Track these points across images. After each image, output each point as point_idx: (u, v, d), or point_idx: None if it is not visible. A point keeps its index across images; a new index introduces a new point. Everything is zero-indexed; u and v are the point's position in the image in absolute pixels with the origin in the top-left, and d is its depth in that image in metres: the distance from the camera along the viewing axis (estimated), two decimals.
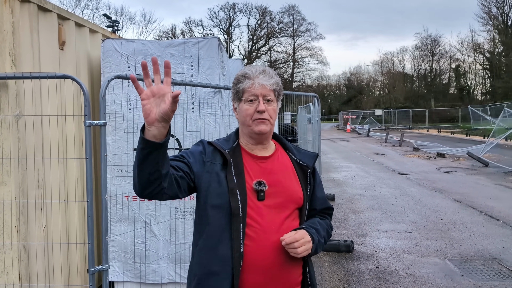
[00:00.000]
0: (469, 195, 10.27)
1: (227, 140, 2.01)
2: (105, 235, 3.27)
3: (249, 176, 1.90)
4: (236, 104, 1.98)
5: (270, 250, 1.82)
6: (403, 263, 5.87)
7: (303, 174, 2.01)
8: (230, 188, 1.84)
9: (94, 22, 45.61)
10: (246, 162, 1.94)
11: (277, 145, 2.07)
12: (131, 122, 4.36)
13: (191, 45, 4.36)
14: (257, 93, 1.89)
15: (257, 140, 1.97)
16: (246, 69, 1.96)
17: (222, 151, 1.91)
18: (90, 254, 3.17)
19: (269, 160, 1.98)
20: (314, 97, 7.42)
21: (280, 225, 1.86)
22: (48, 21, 3.79)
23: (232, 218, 1.81)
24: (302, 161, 2.04)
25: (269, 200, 1.88)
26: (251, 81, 1.90)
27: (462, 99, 59.74)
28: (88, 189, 3.18)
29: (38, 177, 3.56)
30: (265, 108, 1.89)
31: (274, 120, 1.95)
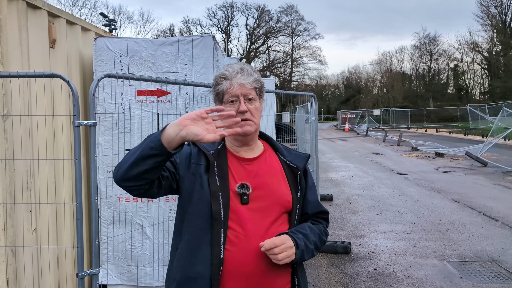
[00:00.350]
0: (468, 195, 10.20)
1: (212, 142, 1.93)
2: (95, 238, 3.18)
3: (233, 178, 1.82)
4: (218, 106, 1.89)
5: (252, 256, 1.73)
6: (401, 265, 5.79)
7: (293, 176, 1.92)
8: (212, 191, 1.76)
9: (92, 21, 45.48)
10: (231, 164, 1.86)
11: (265, 146, 1.99)
12: (123, 122, 4.28)
13: (185, 44, 4.28)
14: (237, 93, 1.81)
15: (242, 142, 1.89)
16: (223, 69, 1.88)
17: (206, 153, 1.83)
18: (79, 258, 3.08)
19: (255, 162, 1.89)
20: (311, 97, 7.33)
21: (266, 230, 1.78)
22: (37, 19, 3.69)
23: (213, 222, 1.74)
24: (292, 162, 1.94)
25: (254, 204, 1.80)
26: (229, 82, 1.82)
27: (461, 99, 59.74)
28: (77, 191, 3.09)
29: (27, 178, 3.47)
30: (246, 108, 1.81)
31: (258, 119, 1.88)
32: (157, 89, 4.29)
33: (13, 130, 3.30)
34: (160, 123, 4.30)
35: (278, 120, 15.67)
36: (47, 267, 3.60)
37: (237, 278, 1.73)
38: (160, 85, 4.23)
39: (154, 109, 4.30)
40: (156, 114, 4.30)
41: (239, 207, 1.78)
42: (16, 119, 3.31)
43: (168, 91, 4.30)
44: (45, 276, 3.61)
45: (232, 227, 1.75)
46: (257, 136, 1.94)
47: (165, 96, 4.32)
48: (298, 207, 1.90)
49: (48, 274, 3.62)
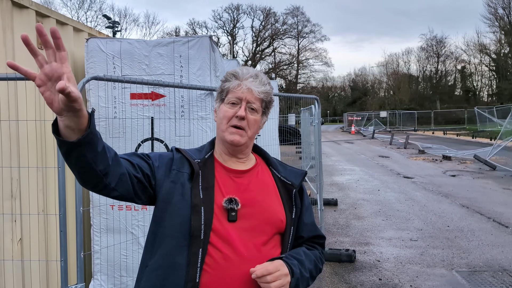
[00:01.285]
0: (477, 200, 9.94)
1: (199, 151, 1.73)
2: (80, 251, 2.99)
3: (220, 192, 1.61)
4: (217, 104, 1.72)
5: (236, 282, 1.51)
6: (407, 275, 5.56)
7: (287, 194, 1.71)
8: (193, 204, 1.55)
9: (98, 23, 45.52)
10: (218, 175, 1.66)
11: (258, 159, 1.79)
12: (116, 127, 4.10)
13: (181, 45, 4.09)
14: (241, 96, 1.64)
15: (230, 150, 1.69)
16: (238, 68, 1.72)
17: (191, 161, 1.63)
18: (62, 272, 2.89)
19: (246, 175, 1.69)
20: (315, 100, 7.12)
21: (255, 252, 1.56)
22: (24, 19, 3.53)
23: (191, 240, 1.51)
24: (287, 179, 1.74)
25: (242, 222, 1.58)
26: (238, 82, 1.66)
27: (468, 101, 59.25)
28: (61, 201, 2.91)
29: (11, 186, 3.29)
30: (245, 115, 1.63)
31: (253, 132, 1.68)
32: (151, 92, 4.11)
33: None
34: (155, 127, 4.12)
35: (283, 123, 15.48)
36: (32, 282, 3.41)
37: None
38: (155, 88, 4.05)
39: (148, 113, 4.12)
40: (150, 118, 4.12)
41: (225, 225, 1.56)
42: (2, 124, 3.13)
43: (162, 94, 4.12)
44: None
45: (214, 246, 1.53)
46: (249, 150, 1.75)
47: (159, 99, 4.14)
48: (293, 229, 1.69)
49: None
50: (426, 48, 67.82)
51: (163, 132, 4.10)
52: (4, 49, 3.29)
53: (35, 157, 3.55)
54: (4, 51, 3.28)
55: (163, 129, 4.09)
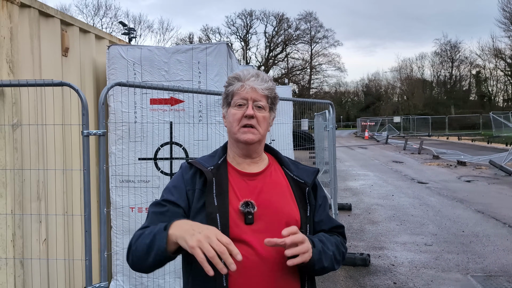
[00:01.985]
0: (492, 206, 9.87)
1: (212, 156, 1.80)
2: (104, 250, 3.10)
3: (235, 196, 1.67)
4: (225, 109, 1.78)
5: (260, 280, 1.58)
6: (422, 279, 5.58)
7: (301, 193, 1.76)
8: (208, 213, 1.61)
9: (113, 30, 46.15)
10: (232, 180, 1.71)
11: (270, 160, 1.84)
12: (136, 131, 4.21)
13: (199, 51, 4.20)
14: (247, 96, 1.69)
15: (245, 152, 1.75)
16: (239, 71, 1.77)
17: (203, 170, 1.69)
18: (87, 271, 3.00)
19: (259, 177, 1.74)
20: (329, 104, 7.19)
21: (273, 253, 1.60)
22: (50, 27, 3.66)
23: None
24: (299, 177, 1.78)
25: (259, 224, 1.63)
26: (241, 83, 1.70)
27: (483, 106, 58.58)
28: (86, 202, 3.02)
29: (38, 188, 3.42)
30: (253, 113, 1.68)
31: (264, 130, 1.73)
32: (170, 97, 4.22)
33: (23, 139, 3.25)
34: (174, 131, 4.23)
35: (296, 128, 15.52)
36: (56, 280, 3.53)
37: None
38: (174, 93, 4.16)
39: (167, 118, 4.23)
40: (170, 123, 4.23)
41: (242, 228, 1.62)
42: (26, 129, 3.26)
43: (181, 99, 4.23)
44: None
45: None
46: (261, 148, 1.80)
47: (178, 105, 4.25)
48: (308, 226, 1.73)
49: (57, 287, 3.55)
50: (440, 53, 67.41)
51: (182, 136, 4.20)
52: (32, 57, 3.42)
53: (59, 160, 3.68)
54: (31, 59, 3.41)
55: (182, 133, 4.20)
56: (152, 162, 4.22)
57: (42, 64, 3.55)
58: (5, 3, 3.10)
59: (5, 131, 3.10)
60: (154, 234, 1.51)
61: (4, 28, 3.10)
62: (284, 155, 1.89)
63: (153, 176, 4.19)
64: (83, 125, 2.99)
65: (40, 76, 3.50)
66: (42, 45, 3.55)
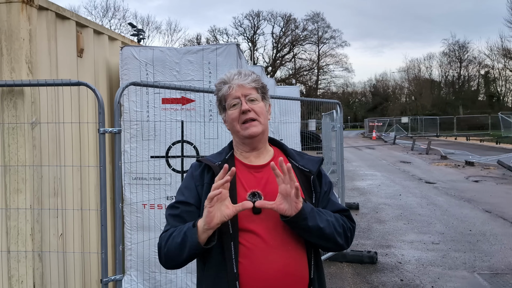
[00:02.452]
0: (500, 206, 9.89)
1: (220, 153, 1.91)
2: (119, 244, 3.21)
3: (242, 188, 1.78)
4: (223, 114, 1.88)
5: (268, 266, 1.68)
6: (429, 276, 5.64)
7: (306, 181, 1.85)
8: None
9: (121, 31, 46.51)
10: (239, 172, 1.81)
11: (276, 151, 1.94)
12: (148, 130, 4.32)
13: (209, 52, 4.31)
14: (237, 94, 1.80)
15: (251, 146, 1.85)
16: (222, 75, 1.88)
17: (211, 165, 1.80)
18: (103, 264, 3.11)
19: (265, 168, 1.84)
20: (337, 104, 7.27)
21: (279, 239, 1.72)
22: (66, 29, 3.78)
23: (223, 236, 1.70)
24: (304, 167, 1.87)
25: (266, 213, 1.73)
26: (228, 85, 1.82)
27: (492, 106, 58.21)
28: (102, 198, 3.13)
29: (54, 184, 3.54)
30: (249, 107, 1.79)
31: (264, 119, 1.83)
32: (181, 97, 4.33)
33: (41, 137, 3.37)
34: (185, 130, 4.33)
35: (304, 128, 15.56)
36: (72, 272, 3.65)
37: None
38: (185, 93, 4.27)
39: (178, 117, 4.34)
40: (181, 122, 4.34)
41: (250, 217, 1.72)
42: (44, 127, 3.38)
43: (192, 99, 4.33)
44: (70, 281, 3.66)
45: (244, 239, 1.70)
46: (265, 139, 1.90)
47: (189, 104, 4.35)
48: None
49: (73, 279, 3.67)
50: (448, 53, 67.07)
51: (193, 135, 4.31)
52: (49, 57, 3.54)
53: (75, 158, 3.80)
54: (48, 59, 3.53)
55: (193, 132, 4.30)
56: (164, 160, 4.33)
57: (58, 64, 3.67)
58: (25, 6, 3.22)
59: (25, 129, 3.22)
60: (185, 232, 1.67)
61: (24, 30, 3.22)
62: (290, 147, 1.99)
63: (165, 173, 4.30)
64: (99, 123, 3.11)
65: (56, 76, 3.62)
66: (58, 46, 3.67)
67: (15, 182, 3.22)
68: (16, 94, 3.22)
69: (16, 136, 3.22)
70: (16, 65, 3.21)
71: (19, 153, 3.22)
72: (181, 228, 1.70)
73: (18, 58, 3.21)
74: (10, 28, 3.20)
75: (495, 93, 63.83)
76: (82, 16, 4.15)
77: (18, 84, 3.11)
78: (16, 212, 3.21)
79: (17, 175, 3.22)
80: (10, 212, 3.23)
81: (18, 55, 3.21)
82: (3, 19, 3.21)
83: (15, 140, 3.22)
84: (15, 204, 3.22)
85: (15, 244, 3.23)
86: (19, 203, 3.22)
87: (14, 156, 3.23)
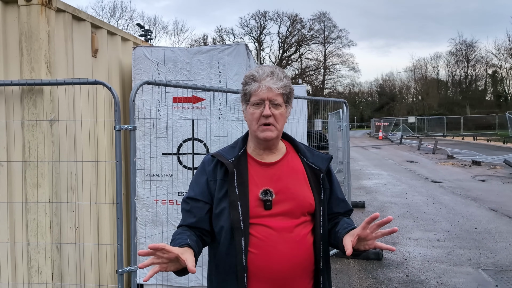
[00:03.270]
0: (506, 204, 9.94)
1: (233, 147, 1.96)
2: (133, 237, 3.35)
3: (255, 184, 1.85)
4: (244, 106, 1.92)
5: (277, 259, 1.77)
6: (434, 272, 5.74)
7: (316, 178, 1.93)
8: (230, 201, 1.81)
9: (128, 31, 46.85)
10: (252, 169, 1.89)
11: (288, 147, 2.01)
12: (160, 128, 4.46)
13: (219, 52, 4.44)
14: (263, 97, 1.81)
15: (264, 145, 1.91)
16: (254, 70, 1.88)
17: (225, 162, 1.87)
18: (119, 255, 3.25)
19: (277, 165, 1.92)
20: (343, 103, 7.37)
21: (289, 233, 1.81)
22: (81, 30, 3.93)
23: (234, 231, 1.78)
24: (314, 164, 1.95)
25: (277, 208, 1.82)
26: (257, 84, 1.82)
27: (500, 106, 57.86)
28: (118, 192, 3.27)
29: (71, 179, 3.68)
30: (271, 112, 1.81)
31: (281, 125, 1.89)
32: (192, 96, 4.46)
33: (59, 134, 3.52)
34: (195, 128, 4.46)
35: (310, 128, 15.63)
36: (89, 264, 3.80)
37: (262, 281, 1.78)
38: (195, 92, 4.40)
39: (189, 115, 4.47)
40: (191, 120, 4.47)
41: (262, 213, 1.81)
42: (61, 124, 3.53)
43: (202, 97, 4.46)
44: (87, 272, 3.81)
45: (254, 233, 1.79)
46: (278, 141, 1.96)
47: (199, 103, 4.48)
48: (322, 209, 1.91)
49: (90, 270, 3.82)
50: (456, 53, 66.75)
51: (203, 133, 4.44)
52: (66, 57, 3.69)
53: (90, 154, 3.94)
54: (65, 59, 3.68)
55: (203, 130, 4.44)
56: (175, 157, 4.46)
57: (74, 64, 3.82)
58: (44, 9, 3.36)
59: (44, 126, 3.37)
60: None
61: (43, 31, 3.37)
62: (300, 142, 2.08)
63: (176, 170, 4.43)
64: (115, 121, 3.24)
65: (73, 75, 3.77)
66: (74, 47, 3.82)
67: (35, 177, 3.37)
68: (36, 92, 3.37)
69: (35, 133, 3.37)
70: (35, 65, 3.36)
71: (38, 149, 3.37)
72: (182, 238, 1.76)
73: (38, 58, 3.35)
74: (30, 29, 3.35)
75: (502, 92, 63.47)
76: (97, 18, 4.30)
77: (38, 83, 3.26)
78: (36, 205, 3.36)
79: (36, 170, 3.37)
80: (30, 205, 3.38)
81: (37, 55, 3.35)
82: (24, 21, 3.36)
83: (35, 137, 3.37)
84: (35, 198, 3.37)
85: (35, 236, 3.38)
86: (39, 197, 3.37)
87: (34, 152, 3.37)
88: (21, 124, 3.39)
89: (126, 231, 4.12)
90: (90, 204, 3.78)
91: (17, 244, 3.41)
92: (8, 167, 3.41)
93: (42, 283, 3.39)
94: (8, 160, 3.40)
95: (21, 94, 3.39)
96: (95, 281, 3.95)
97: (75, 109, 3.77)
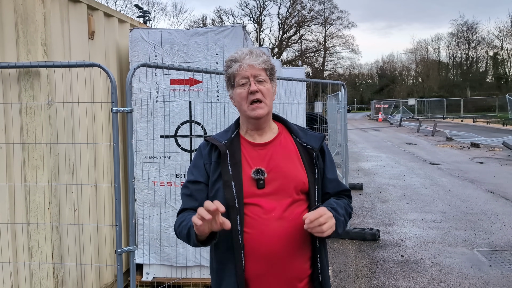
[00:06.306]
0: (503, 186, 10.02)
1: (226, 131, 2.00)
2: (132, 217, 3.40)
3: (247, 164, 1.89)
4: (230, 91, 1.95)
5: (271, 237, 1.81)
6: (429, 252, 5.83)
7: (309, 158, 1.95)
8: (224, 181, 1.85)
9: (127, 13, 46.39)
10: (244, 150, 1.93)
11: (280, 128, 2.03)
12: (157, 110, 4.48)
13: (216, 34, 4.43)
14: (246, 74, 1.86)
15: (256, 125, 1.94)
16: (233, 53, 1.94)
17: (217, 144, 1.91)
18: (117, 236, 3.30)
19: (269, 145, 1.95)
20: (341, 85, 7.37)
21: (282, 211, 1.84)
22: (78, 12, 3.92)
23: (229, 209, 1.81)
24: (307, 143, 1.97)
25: (270, 187, 1.86)
26: (239, 64, 1.87)
27: (500, 88, 57.73)
28: (116, 173, 3.31)
29: (69, 162, 3.72)
30: (257, 88, 1.86)
31: (270, 101, 1.92)
32: (189, 78, 4.47)
33: (57, 116, 3.54)
34: (193, 110, 4.48)
35: (310, 110, 15.64)
36: (88, 244, 3.86)
37: (257, 260, 1.81)
38: (192, 74, 4.40)
39: (186, 98, 4.48)
40: (189, 102, 4.48)
41: (255, 192, 1.85)
42: (59, 106, 3.55)
43: (200, 80, 4.47)
44: (86, 252, 3.88)
45: (248, 212, 1.83)
46: (270, 118, 1.99)
47: (197, 85, 4.49)
48: (317, 187, 1.93)
49: (89, 250, 3.88)
50: (457, 34, 66.35)
51: (200, 115, 4.46)
52: (62, 40, 3.68)
53: (88, 136, 3.97)
54: (62, 42, 3.68)
55: (200, 112, 4.46)
56: (173, 139, 4.49)
57: (71, 46, 3.81)
58: None
59: (41, 108, 3.39)
60: (189, 228, 1.80)
61: (39, 13, 3.36)
62: (293, 123, 2.10)
63: (174, 152, 4.46)
64: (112, 103, 3.26)
65: (70, 57, 3.77)
66: (71, 29, 3.81)
67: (33, 159, 3.40)
68: (33, 75, 3.38)
69: (33, 115, 3.39)
70: (32, 47, 3.36)
71: (36, 131, 3.39)
72: (188, 221, 1.81)
73: (34, 40, 3.36)
74: (26, 11, 3.34)
75: (503, 74, 63.24)
76: (93, 0, 4.28)
77: (34, 65, 3.26)
78: (35, 187, 3.40)
79: (35, 152, 3.40)
80: (29, 187, 3.42)
81: (34, 38, 3.35)
82: (19, 2, 3.35)
83: (33, 119, 3.39)
84: (34, 179, 3.41)
85: (35, 217, 3.43)
86: (38, 179, 3.41)
87: (32, 134, 3.40)
88: (19, 106, 3.41)
89: (125, 212, 4.18)
90: (89, 185, 3.82)
91: (17, 224, 3.47)
92: (7, 149, 3.44)
93: (42, 262, 3.45)
94: (6, 142, 3.43)
95: (18, 77, 3.40)
96: (94, 261, 4.02)
97: (72, 91, 3.79)
